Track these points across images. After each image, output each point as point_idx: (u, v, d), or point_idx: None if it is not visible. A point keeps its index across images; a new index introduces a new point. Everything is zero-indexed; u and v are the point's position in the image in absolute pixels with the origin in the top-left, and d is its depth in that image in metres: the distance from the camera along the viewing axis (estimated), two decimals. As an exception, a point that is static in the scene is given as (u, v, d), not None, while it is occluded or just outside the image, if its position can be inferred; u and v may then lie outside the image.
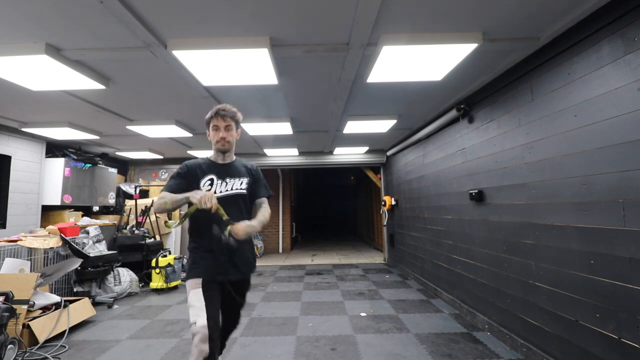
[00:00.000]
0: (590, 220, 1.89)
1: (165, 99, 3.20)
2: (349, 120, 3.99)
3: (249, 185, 1.85)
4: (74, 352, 2.72)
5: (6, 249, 3.33)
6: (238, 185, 1.80)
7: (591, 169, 1.88)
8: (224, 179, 1.78)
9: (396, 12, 1.84)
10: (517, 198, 2.53)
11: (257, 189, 1.90)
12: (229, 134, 1.77)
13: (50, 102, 3.23)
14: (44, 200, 4.61)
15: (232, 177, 1.80)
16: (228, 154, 1.83)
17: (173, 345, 2.83)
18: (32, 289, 2.80)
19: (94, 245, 4.41)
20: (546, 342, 2.25)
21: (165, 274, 4.64)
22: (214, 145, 1.79)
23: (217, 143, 1.77)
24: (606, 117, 1.78)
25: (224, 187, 1.76)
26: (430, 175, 4.32)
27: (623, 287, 1.70)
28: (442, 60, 2.33)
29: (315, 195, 16.28)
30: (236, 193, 1.78)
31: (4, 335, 2.36)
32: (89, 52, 2.20)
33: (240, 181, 1.81)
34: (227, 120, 1.76)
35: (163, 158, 6.52)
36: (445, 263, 3.89)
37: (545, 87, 2.24)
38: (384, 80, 2.63)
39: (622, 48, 1.70)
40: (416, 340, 2.84)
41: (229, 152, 1.83)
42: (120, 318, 3.57)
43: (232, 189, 1.78)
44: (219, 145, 1.77)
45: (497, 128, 2.81)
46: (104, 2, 1.68)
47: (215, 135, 1.77)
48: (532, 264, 2.38)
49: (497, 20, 1.96)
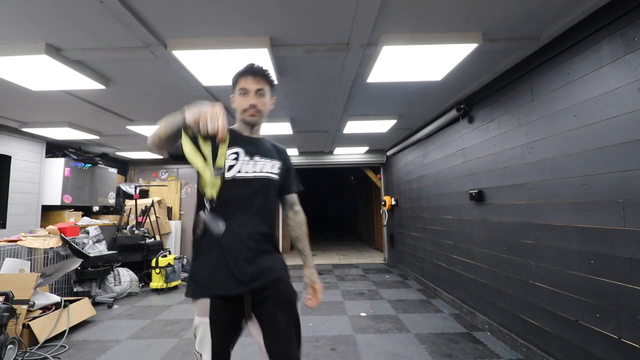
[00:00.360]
0: (590, 220, 1.89)
1: (165, 99, 3.20)
2: (349, 120, 3.99)
3: (281, 171, 1.41)
4: (74, 352, 2.72)
5: (6, 249, 3.33)
6: (269, 167, 1.35)
7: (591, 169, 1.88)
8: (252, 156, 1.32)
9: (396, 12, 1.84)
10: (517, 198, 2.53)
11: (289, 180, 1.46)
12: (260, 101, 1.33)
13: (50, 102, 3.23)
14: (44, 200, 4.61)
15: (262, 156, 1.34)
16: (256, 128, 1.40)
17: (173, 345, 2.83)
18: (32, 289, 2.80)
19: (94, 245, 4.41)
20: (546, 342, 2.25)
21: (165, 274, 4.64)
22: (240, 115, 1.36)
23: (244, 112, 1.33)
24: (606, 117, 1.78)
25: (250, 167, 1.29)
26: (430, 175, 4.32)
27: (623, 287, 1.70)
28: (442, 60, 2.33)
29: (315, 195, 16.28)
30: (267, 177, 1.33)
31: (4, 335, 2.36)
32: (89, 52, 2.20)
33: (271, 163, 1.36)
34: (260, 82, 1.32)
35: (163, 158, 6.51)
36: (445, 263, 3.89)
37: (545, 87, 2.24)
38: (384, 80, 2.63)
39: (622, 48, 1.70)
40: (416, 340, 2.84)
41: (257, 126, 1.40)
42: (120, 318, 3.57)
43: (261, 170, 1.32)
44: (246, 116, 1.33)
45: (497, 128, 2.81)
46: (104, 2, 1.68)
47: (242, 101, 1.33)
48: (532, 264, 2.38)
49: (497, 20, 1.96)
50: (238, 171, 1.27)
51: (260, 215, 1.28)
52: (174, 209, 6.72)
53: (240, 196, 1.25)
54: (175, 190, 6.84)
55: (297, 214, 1.48)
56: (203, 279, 1.21)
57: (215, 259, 1.21)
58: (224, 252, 1.20)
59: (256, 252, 1.23)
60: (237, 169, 1.27)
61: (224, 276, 1.18)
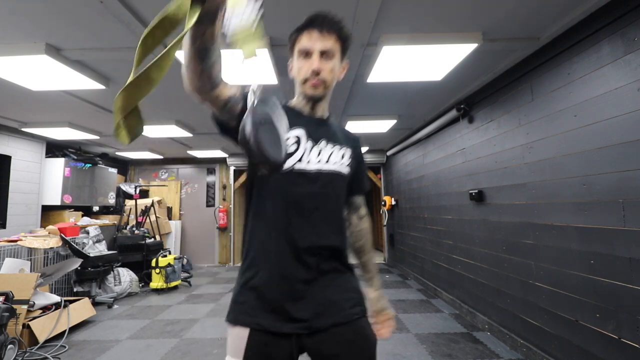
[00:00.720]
0: (590, 220, 1.89)
1: (165, 99, 3.20)
2: (349, 120, 3.99)
3: (352, 163, 1.04)
4: (74, 352, 2.72)
5: (6, 249, 3.33)
6: (338, 157, 1.00)
7: (591, 169, 1.88)
8: (318, 141, 0.97)
9: (396, 12, 1.84)
10: (517, 198, 2.53)
11: (359, 176, 1.11)
12: (327, 65, 0.94)
13: (50, 102, 3.23)
14: (44, 200, 4.61)
15: (329, 142, 0.99)
16: (321, 104, 1.01)
17: (173, 345, 2.83)
18: (32, 289, 2.80)
19: (94, 245, 4.41)
20: (546, 342, 2.25)
21: (165, 274, 4.64)
22: (300, 87, 0.98)
23: (305, 83, 0.95)
24: (606, 117, 1.78)
25: (315, 155, 0.95)
26: (430, 175, 4.32)
27: (623, 287, 1.70)
28: (442, 60, 2.33)
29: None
30: (336, 171, 0.98)
31: (4, 335, 2.36)
32: (89, 52, 2.20)
33: (341, 152, 1.01)
34: (328, 39, 0.92)
35: (163, 158, 6.52)
36: (445, 263, 3.89)
37: (545, 87, 2.24)
38: (384, 80, 2.63)
39: (622, 48, 1.70)
40: (416, 340, 2.84)
41: (322, 102, 1.01)
42: (120, 318, 3.57)
43: (329, 160, 0.97)
44: (307, 87, 0.95)
45: (497, 128, 2.81)
46: (104, 2, 1.68)
47: (302, 67, 0.95)
48: (532, 264, 2.38)
49: (497, 20, 1.96)
50: (298, 160, 0.92)
51: (326, 222, 0.94)
52: (174, 209, 6.73)
53: (300, 196, 0.91)
54: (175, 190, 6.84)
55: (363, 219, 1.15)
56: (247, 300, 0.88)
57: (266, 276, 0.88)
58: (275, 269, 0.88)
59: (318, 273, 0.90)
60: (296, 158, 0.92)
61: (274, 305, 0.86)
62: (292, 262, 0.88)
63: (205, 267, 6.50)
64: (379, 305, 1.11)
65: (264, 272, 0.88)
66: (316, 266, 0.90)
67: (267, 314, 0.86)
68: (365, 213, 1.16)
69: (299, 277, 0.88)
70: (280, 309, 0.86)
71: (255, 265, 0.90)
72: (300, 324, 0.86)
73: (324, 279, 0.91)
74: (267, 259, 0.89)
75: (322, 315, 0.88)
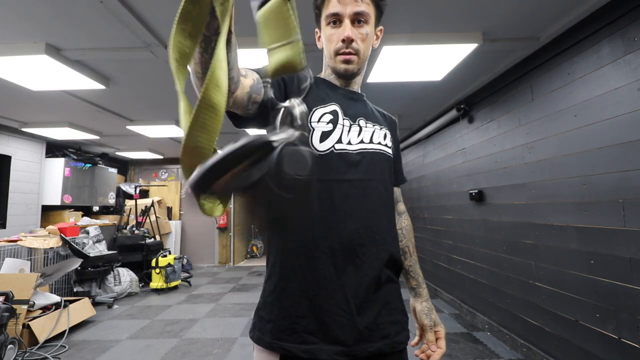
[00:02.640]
0: (590, 220, 1.89)
1: (165, 99, 3.19)
2: (349, 120, 3.99)
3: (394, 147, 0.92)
4: (74, 352, 2.72)
5: (6, 249, 3.33)
6: (381, 137, 0.85)
7: (591, 169, 1.88)
8: (356, 119, 0.81)
9: (396, 12, 1.84)
10: (517, 198, 2.53)
11: (399, 165, 0.99)
12: (361, 32, 0.78)
13: (50, 102, 3.23)
14: (44, 200, 4.61)
15: (368, 120, 0.84)
16: (356, 80, 0.88)
17: (173, 345, 2.83)
18: (32, 289, 2.80)
19: (94, 245, 4.41)
20: (546, 342, 2.25)
21: (165, 274, 4.64)
22: (330, 60, 0.82)
23: (336, 56, 0.79)
24: (606, 117, 1.78)
25: (355, 134, 0.80)
26: (430, 175, 4.32)
27: (623, 287, 1.70)
28: (442, 60, 2.33)
29: (315, 195, 16.25)
30: (381, 151, 0.84)
31: (4, 335, 2.36)
32: (89, 52, 2.20)
33: (382, 132, 0.86)
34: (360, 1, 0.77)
35: (163, 158, 6.52)
36: (445, 263, 3.89)
37: (545, 87, 2.24)
38: (384, 80, 2.63)
39: (622, 48, 1.70)
40: (416, 340, 2.83)
41: (357, 77, 0.87)
42: (120, 318, 3.57)
43: (372, 141, 0.82)
44: (339, 62, 0.80)
45: (497, 128, 2.81)
46: (104, 2, 1.68)
47: (332, 36, 0.79)
48: (532, 264, 2.38)
49: (497, 20, 1.96)
50: (338, 140, 0.76)
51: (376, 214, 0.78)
52: (174, 209, 6.73)
53: (343, 182, 0.75)
54: (175, 190, 6.84)
55: (402, 215, 0.97)
56: (276, 318, 0.72)
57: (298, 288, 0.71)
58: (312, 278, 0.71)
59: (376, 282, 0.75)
60: (335, 138, 0.76)
61: (307, 323, 0.70)
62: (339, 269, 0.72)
63: (205, 267, 6.50)
64: (429, 317, 0.93)
65: (301, 277, 0.72)
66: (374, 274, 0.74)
67: (298, 336, 0.70)
68: (405, 209, 0.99)
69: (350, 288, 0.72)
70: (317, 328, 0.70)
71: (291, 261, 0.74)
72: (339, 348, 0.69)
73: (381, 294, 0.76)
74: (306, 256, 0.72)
75: (365, 340, 0.71)
